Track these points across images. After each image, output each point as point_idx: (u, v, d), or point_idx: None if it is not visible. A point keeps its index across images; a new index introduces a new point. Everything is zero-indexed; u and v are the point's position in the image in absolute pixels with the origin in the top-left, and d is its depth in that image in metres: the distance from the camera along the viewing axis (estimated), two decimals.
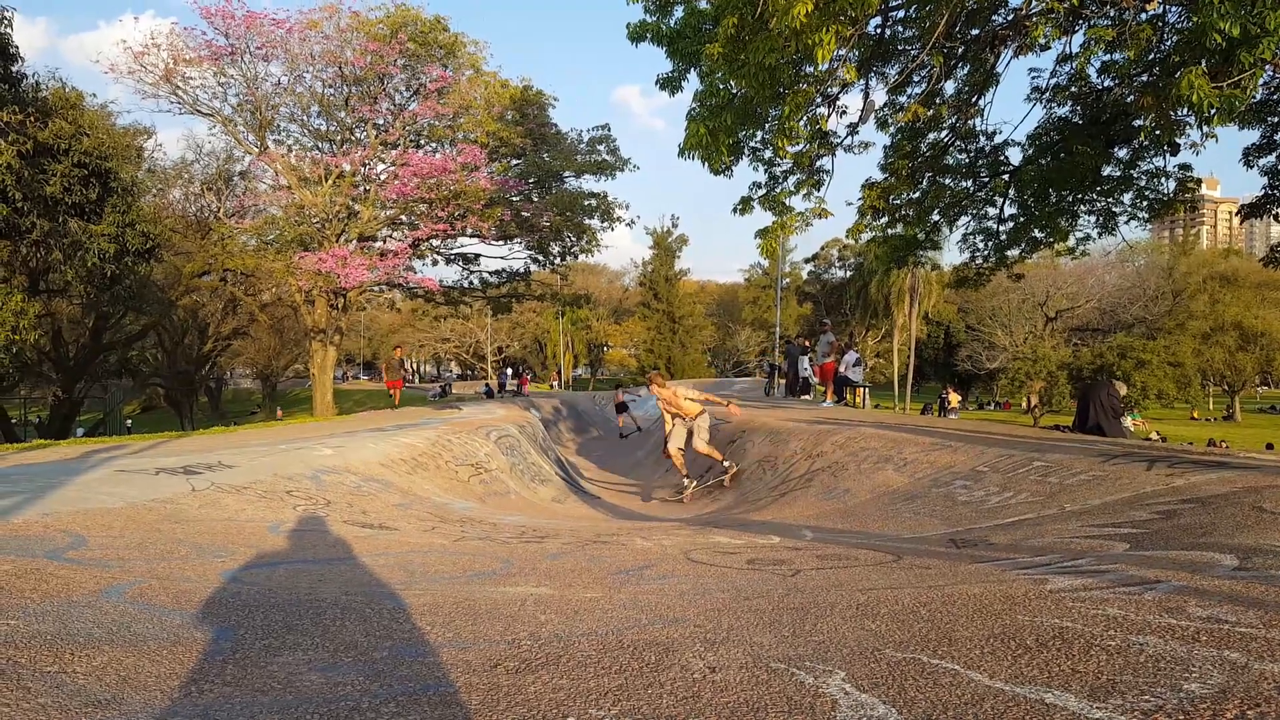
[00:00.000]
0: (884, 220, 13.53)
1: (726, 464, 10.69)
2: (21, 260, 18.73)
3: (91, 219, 18.28)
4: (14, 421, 28.76)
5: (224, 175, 30.51)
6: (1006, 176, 12.94)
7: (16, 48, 17.92)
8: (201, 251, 30.25)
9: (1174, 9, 9.50)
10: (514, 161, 23.88)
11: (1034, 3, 9.44)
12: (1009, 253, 13.77)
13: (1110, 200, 12.57)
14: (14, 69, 17.81)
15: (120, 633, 2.32)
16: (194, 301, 36.17)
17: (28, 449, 9.41)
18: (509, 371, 34.81)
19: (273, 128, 22.11)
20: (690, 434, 10.93)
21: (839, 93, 10.98)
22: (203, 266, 30.87)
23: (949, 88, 12.19)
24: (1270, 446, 25.80)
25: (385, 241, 22.82)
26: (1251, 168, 12.27)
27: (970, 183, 13.45)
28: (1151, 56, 9.64)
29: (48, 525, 3.85)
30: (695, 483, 10.75)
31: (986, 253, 14.13)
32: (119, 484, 5.34)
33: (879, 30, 10.89)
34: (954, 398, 30.78)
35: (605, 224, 25.01)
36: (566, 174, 24.13)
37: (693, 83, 11.07)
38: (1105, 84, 11.45)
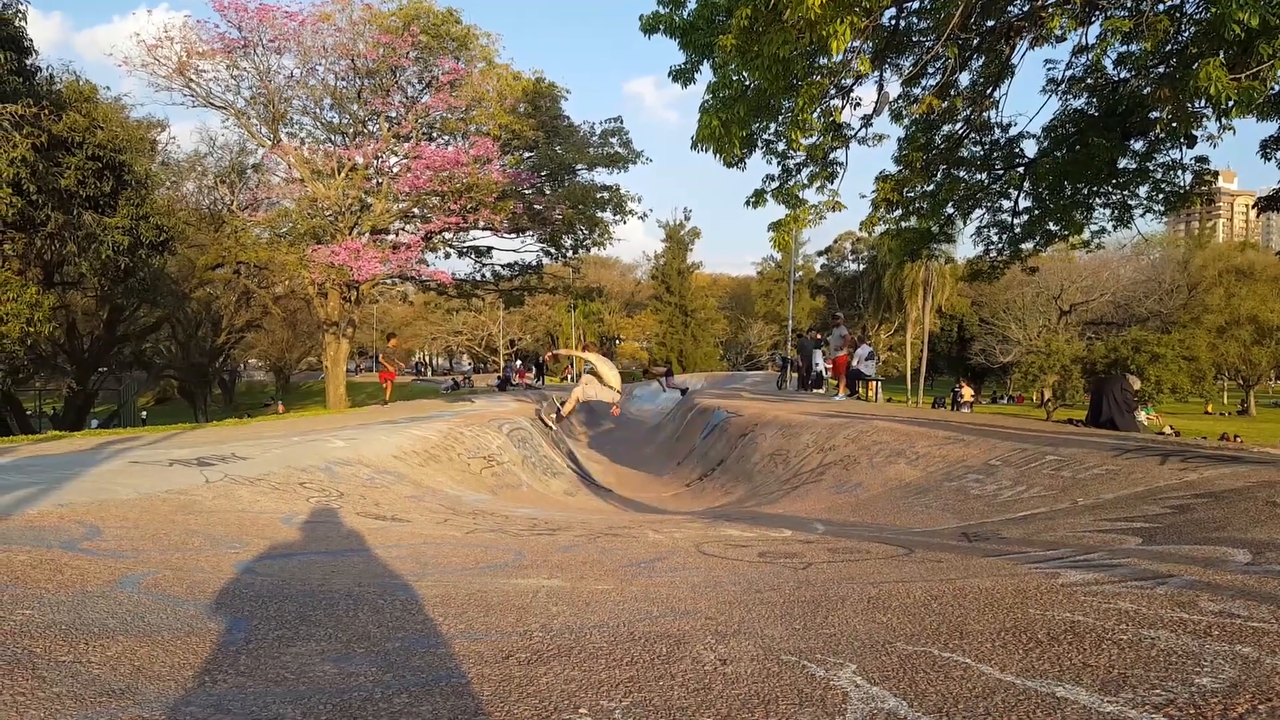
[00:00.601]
0: (898, 213, 13.47)
1: (557, 413, 13.78)
2: (36, 253, 18.86)
3: (105, 212, 18.42)
4: (29, 413, 29.01)
5: (237, 168, 30.66)
6: (1021, 169, 12.84)
7: (30, 41, 18.05)
8: (215, 244, 30.42)
9: None
10: (526, 154, 23.84)
11: None
12: (1023, 246, 13.67)
13: (1126, 193, 12.46)
14: (28, 62, 17.94)
15: (134, 623, 2.34)
16: (207, 294, 36.38)
17: (43, 440, 9.50)
18: (518, 363, 34.58)
19: (285, 120, 22.16)
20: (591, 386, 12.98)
21: (853, 85, 10.93)
22: (216, 259, 31.07)
23: (964, 79, 12.12)
24: None
25: (398, 234, 22.84)
26: (1269, 160, 12.12)
27: (985, 175, 13.35)
28: (1169, 48, 9.54)
29: (63, 516, 3.89)
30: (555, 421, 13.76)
31: (1001, 246, 14.04)
32: (133, 475, 5.39)
33: (893, 21, 10.81)
34: (967, 392, 30.59)
35: (617, 217, 24.94)
36: (579, 167, 24.05)
37: (706, 75, 11.03)
38: (1121, 75, 11.33)
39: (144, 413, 43.79)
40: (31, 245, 18.50)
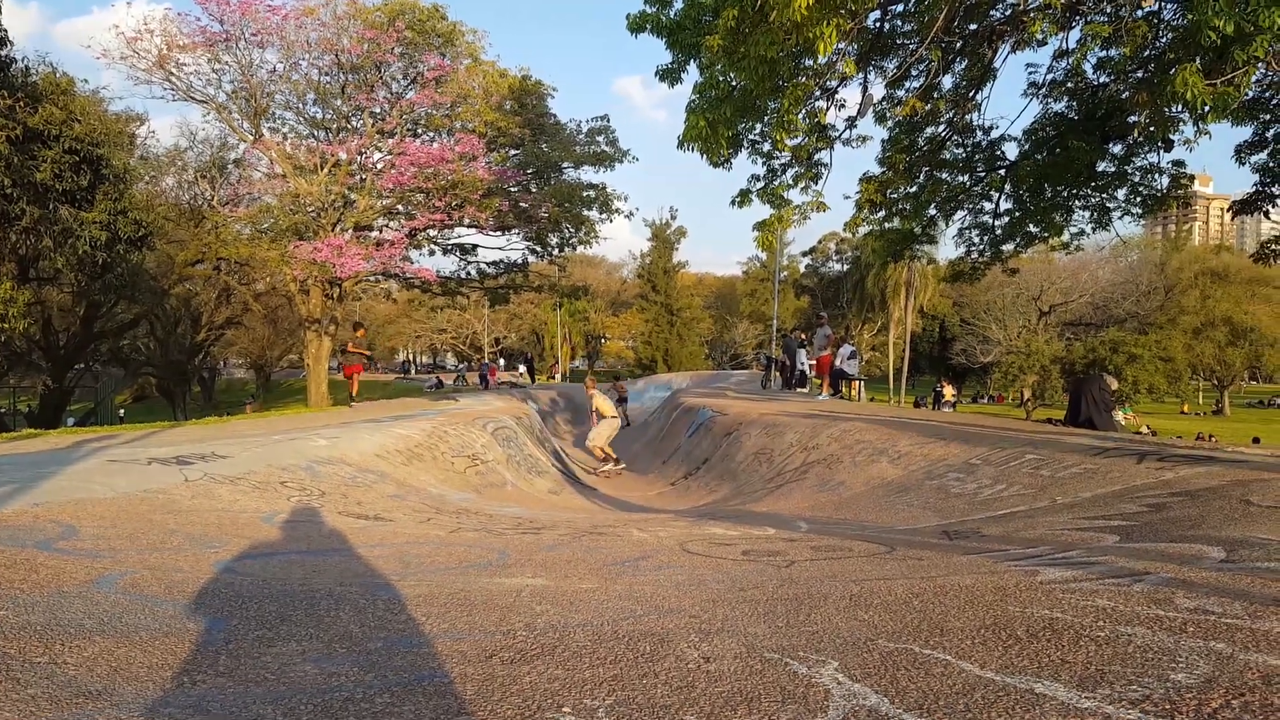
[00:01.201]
0: (881, 214, 13.56)
1: (610, 465, 13.89)
2: (11, 248, 18.51)
3: (83, 206, 18.14)
4: (3, 411, 28.60)
5: (218, 163, 30.25)
6: (1002, 171, 12.96)
7: (5, 32, 17.73)
8: (195, 240, 30.05)
9: (1169, 6, 9.53)
10: (512, 152, 23.73)
11: None
12: (1004, 247, 13.81)
13: (1104, 195, 12.62)
14: (2, 53, 17.63)
15: (112, 623, 2.32)
16: (187, 290, 35.95)
17: (17, 438, 9.36)
18: (501, 361, 34.25)
19: (268, 115, 21.89)
20: (605, 427, 14.17)
21: (838, 86, 10.98)
22: (196, 255, 30.67)
23: (947, 82, 12.22)
24: (1257, 440, 26.02)
25: (381, 231, 22.67)
26: (1243, 164, 12.31)
27: (967, 177, 13.47)
28: (1147, 53, 9.66)
29: (38, 515, 3.84)
30: (611, 465, 13.89)
31: (982, 247, 14.17)
32: (111, 474, 5.33)
33: (878, 24, 10.87)
34: (948, 391, 30.86)
35: (604, 215, 24.87)
36: (565, 165, 23.98)
37: (693, 75, 11.05)
38: (1101, 80, 11.48)
39: (121, 410, 43.28)
40: (6, 240, 18.17)
